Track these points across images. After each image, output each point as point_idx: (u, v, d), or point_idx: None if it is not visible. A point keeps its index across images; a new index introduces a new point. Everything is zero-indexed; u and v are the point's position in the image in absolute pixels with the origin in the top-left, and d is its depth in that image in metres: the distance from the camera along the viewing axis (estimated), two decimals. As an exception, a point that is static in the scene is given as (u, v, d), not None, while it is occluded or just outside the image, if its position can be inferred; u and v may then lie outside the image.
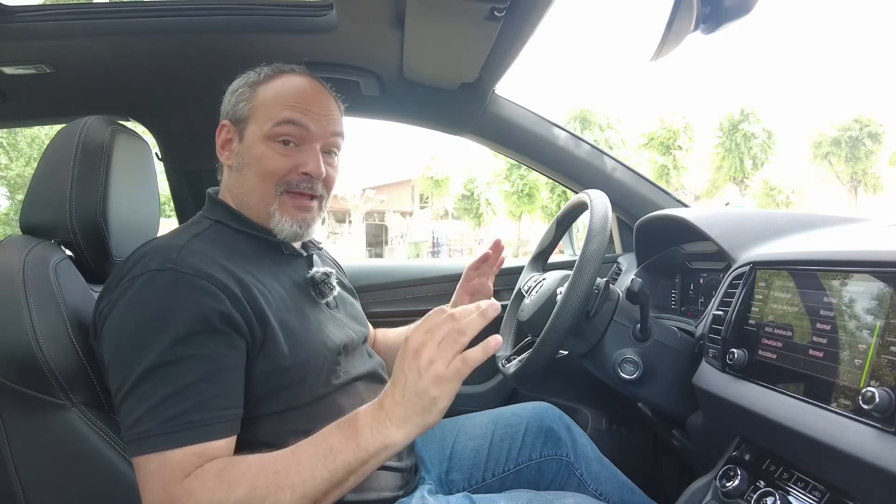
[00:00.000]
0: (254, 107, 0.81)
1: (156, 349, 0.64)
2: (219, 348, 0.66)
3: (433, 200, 24.02)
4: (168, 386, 0.63)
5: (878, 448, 0.52)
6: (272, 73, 0.84)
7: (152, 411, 0.62)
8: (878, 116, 19.15)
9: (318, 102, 0.83)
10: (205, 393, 0.64)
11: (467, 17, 0.91)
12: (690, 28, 0.64)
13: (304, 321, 0.77)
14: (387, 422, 0.61)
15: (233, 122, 0.83)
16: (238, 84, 0.85)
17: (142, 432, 0.62)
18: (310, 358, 0.75)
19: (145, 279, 0.68)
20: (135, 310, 0.67)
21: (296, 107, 0.80)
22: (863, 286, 0.61)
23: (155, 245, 0.73)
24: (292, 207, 0.81)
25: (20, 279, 0.73)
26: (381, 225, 26.87)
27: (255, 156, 0.80)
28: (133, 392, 0.64)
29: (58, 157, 0.84)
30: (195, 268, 0.68)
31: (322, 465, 0.61)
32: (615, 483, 0.99)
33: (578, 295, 0.83)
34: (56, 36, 1.10)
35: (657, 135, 20.31)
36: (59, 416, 0.72)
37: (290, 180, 0.80)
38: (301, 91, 0.82)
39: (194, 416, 0.63)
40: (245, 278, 0.72)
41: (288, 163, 0.80)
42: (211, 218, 0.82)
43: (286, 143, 0.80)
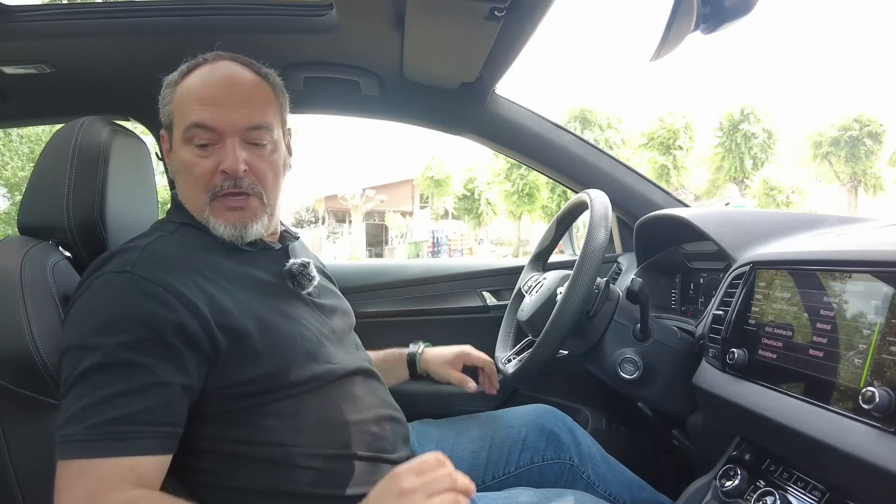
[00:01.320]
0: (173, 109, 0.78)
1: (97, 351, 0.62)
2: (162, 361, 0.63)
3: (433, 200, 24.01)
4: (102, 390, 0.60)
5: (878, 448, 0.52)
6: (188, 69, 0.79)
7: (80, 414, 0.60)
8: (879, 116, 19.13)
9: (227, 95, 0.76)
10: (140, 403, 0.61)
11: (467, 17, 0.91)
12: (690, 28, 0.64)
13: (279, 315, 0.75)
14: None
15: (166, 128, 0.81)
16: (162, 88, 0.81)
17: (66, 435, 0.59)
18: (289, 351, 0.73)
19: (102, 281, 0.67)
20: (85, 310, 0.66)
21: (203, 105, 0.75)
22: (863, 286, 0.61)
23: (122, 247, 0.72)
24: (224, 210, 0.77)
25: (17, 280, 0.73)
26: (381, 225, 26.86)
27: (181, 163, 0.77)
28: (69, 393, 0.62)
29: (55, 158, 0.84)
30: (152, 273, 0.66)
31: None
32: (623, 481, 0.99)
33: (578, 295, 0.83)
34: (56, 36, 1.09)
35: (657, 135, 20.29)
36: (56, 416, 0.72)
37: (214, 184, 0.76)
38: (208, 84, 0.77)
39: (121, 426, 0.60)
40: (209, 281, 0.69)
41: (209, 164, 0.75)
42: (176, 221, 0.79)
43: (202, 145, 0.76)
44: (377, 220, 26.90)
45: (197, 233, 0.78)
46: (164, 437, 0.63)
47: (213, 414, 0.69)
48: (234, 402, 0.70)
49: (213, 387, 0.68)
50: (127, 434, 0.60)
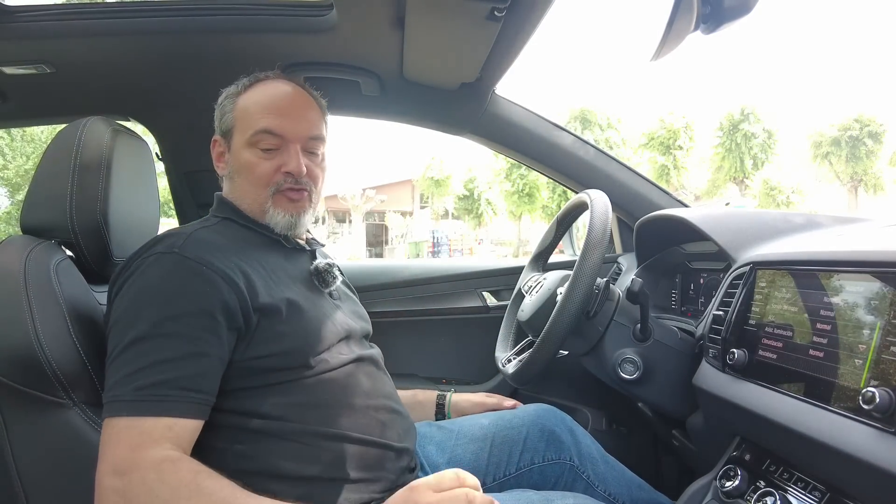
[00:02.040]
0: (236, 117, 0.87)
1: (145, 322, 0.68)
2: (204, 333, 0.69)
3: (433, 200, 24.01)
4: (148, 357, 0.66)
5: (878, 448, 0.52)
6: (249, 83, 0.89)
7: (128, 378, 0.65)
8: (879, 116, 19.13)
9: (293, 108, 0.87)
10: (181, 371, 0.67)
11: (467, 17, 0.91)
12: (690, 28, 0.64)
13: (309, 304, 0.81)
14: None
15: (222, 135, 0.89)
16: (221, 99, 0.90)
17: (115, 396, 0.65)
18: (310, 333, 0.78)
19: (150, 261, 0.72)
20: (135, 287, 0.71)
21: (272, 115, 0.85)
22: (863, 286, 0.61)
23: (168, 233, 0.78)
24: (285, 200, 0.86)
25: (21, 279, 0.73)
26: (381, 225, 26.86)
27: (243, 164, 0.85)
28: (116, 360, 0.67)
29: (58, 158, 0.84)
30: (197, 254, 0.73)
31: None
32: (623, 481, 0.99)
33: (578, 295, 0.83)
34: (56, 36, 1.10)
35: (657, 135, 20.29)
36: (60, 415, 0.72)
37: (277, 181, 0.85)
38: (275, 98, 0.87)
39: (164, 390, 0.65)
40: (247, 265, 0.76)
41: (272, 165, 0.85)
42: (219, 216, 0.87)
43: (267, 149, 0.85)
44: (377, 220, 26.90)
45: (238, 227, 0.86)
46: (200, 402, 0.68)
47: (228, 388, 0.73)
48: (250, 376, 0.74)
49: (235, 359, 0.73)
50: (168, 397, 0.65)
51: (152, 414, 0.64)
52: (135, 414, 0.64)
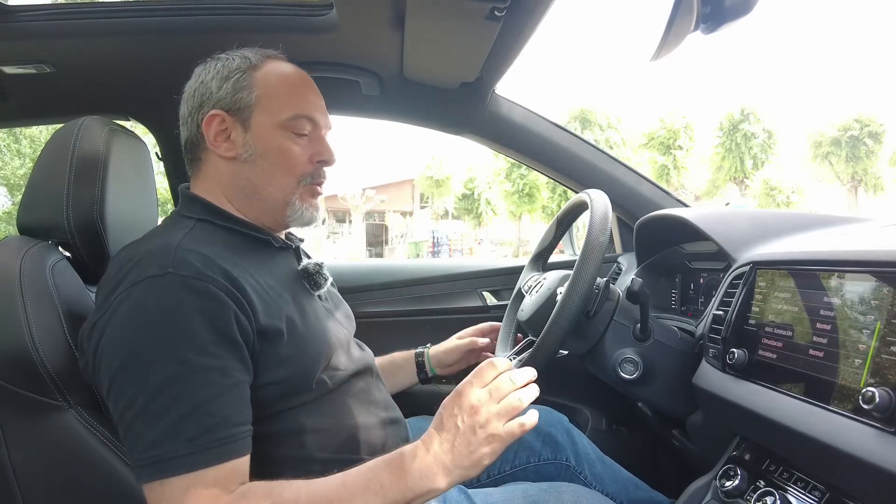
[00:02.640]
0: (259, 95, 0.77)
1: (168, 361, 0.60)
2: (232, 360, 0.63)
3: (433, 200, 24.00)
4: (186, 402, 0.59)
5: (878, 448, 0.52)
6: (261, 59, 0.80)
7: (173, 429, 0.58)
8: (879, 116, 19.13)
9: (317, 93, 0.83)
10: (227, 407, 0.61)
11: (467, 17, 0.91)
12: (690, 28, 0.64)
13: (304, 316, 0.76)
14: (435, 468, 0.62)
15: (229, 111, 0.77)
16: (227, 70, 0.78)
17: (165, 454, 0.58)
18: (314, 352, 0.74)
19: (144, 287, 0.63)
20: (138, 321, 0.62)
21: (306, 99, 0.80)
22: (863, 286, 0.60)
23: (146, 250, 0.68)
24: (310, 196, 0.81)
25: (17, 280, 0.73)
26: (381, 225, 26.85)
27: (273, 147, 0.77)
28: (146, 410, 0.59)
29: (55, 158, 0.84)
30: (196, 270, 0.64)
31: (372, 500, 0.61)
32: (619, 481, 0.99)
33: (578, 295, 0.83)
34: (56, 36, 1.09)
35: (657, 135, 20.30)
36: (56, 417, 0.72)
37: (310, 172, 0.80)
38: (304, 83, 0.83)
39: (221, 432, 0.60)
40: (243, 281, 0.68)
41: (306, 154, 0.80)
42: (192, 216, 0.77)
43: (300, 134, 0.79)
44: (377, 220, 26.89)
45: (216, 229, 0.77)
46: (249, 435, 0.64)
47: None
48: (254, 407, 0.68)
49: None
50: (227, 438, 0.60)
51: (216, 462, 0.59)
52: (197, 468, 0.58)
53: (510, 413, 0.64)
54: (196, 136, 0.79)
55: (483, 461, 0.63)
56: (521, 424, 0.64)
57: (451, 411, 0.64)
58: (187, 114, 0.80)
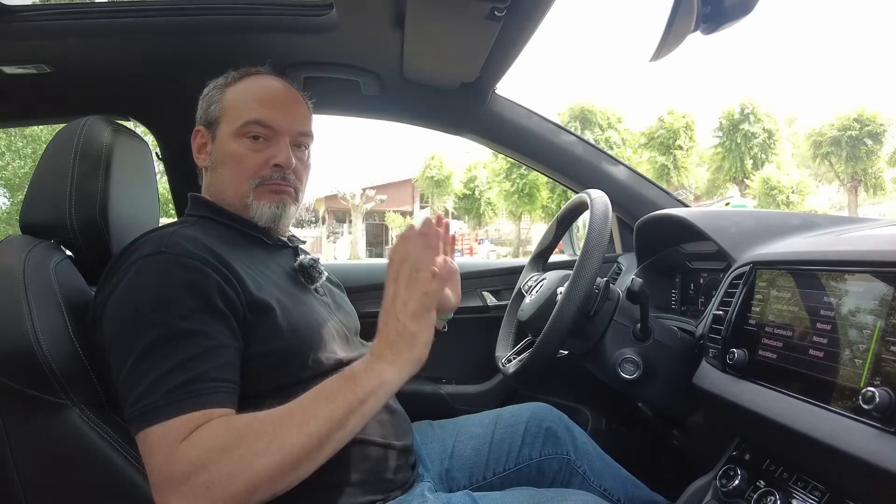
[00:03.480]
0: (223, 107, 0.86)
1: (155, 327, 0.65)
2: (217, 325, 0.68)
3: (433, 200, 23.99)
4: (169, 360, 0.64)
5: (878, 448, 0.52)
6: (239, 76, 0.89)
7: (154, 385, 0.63)
8: (879, 116, 19.09)
9: (284, 101, 0.87)
10: (205, 365, 0.65)
11: (467, 17, 0.91)
12: (690, 28, 0.64)
13: (297, 302, 0.80)
14: (379, 360, 0.67)
15: (205, 126, 0.87)
16: (208, 89, 0.89)
17: (143, 406, 0.62)
18: (305, 336, 0.78)
19: (140, 264, 0.70)
20: (132, 293, 0.69)
21: (263, 106, 0.85)
22: (863, 286, 0.61)
23: (147, 237, 0.75)
24: (267, 192, 0.85)
25: (20, 279, 0.73)
26: (381, 225, 26.84)
27: (228, 153, 0.84)
28: (134, 370, 0.65)
29: (58, 157, 0.84)
30: (187, 250, 0.71)
31: (323, 405, 0.64)
32: (618, 478, 1.00)
33: (578, 295, 0.83)
34: (56, 36, 1.09)
35: (657, 134, 20.26)
36: (59, 415, 0.72)
37: (263, 174, 0.84)
38: (267, 90, 0.87)
39: (196, 385, 0.64)
40: (234, 264, 0.74)
41: (260, 157, 0.84)
42: (196, 215, 0.85)
43: (256, 138, 0.84)
44: (377, 220, 26.88)
45: (216, 225, 0.83)
46: (230, 391, 0.67)
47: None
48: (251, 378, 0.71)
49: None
50: (202, 390, 0.64)
51: (186, 411, 0.62)
52: (170, 417, 0.62)
53: (416, 287, 0.68)
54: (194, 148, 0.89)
55: (418, 337, 0.67)
56: (425, 293, 0.67)
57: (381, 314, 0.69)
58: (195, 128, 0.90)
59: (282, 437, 0.61)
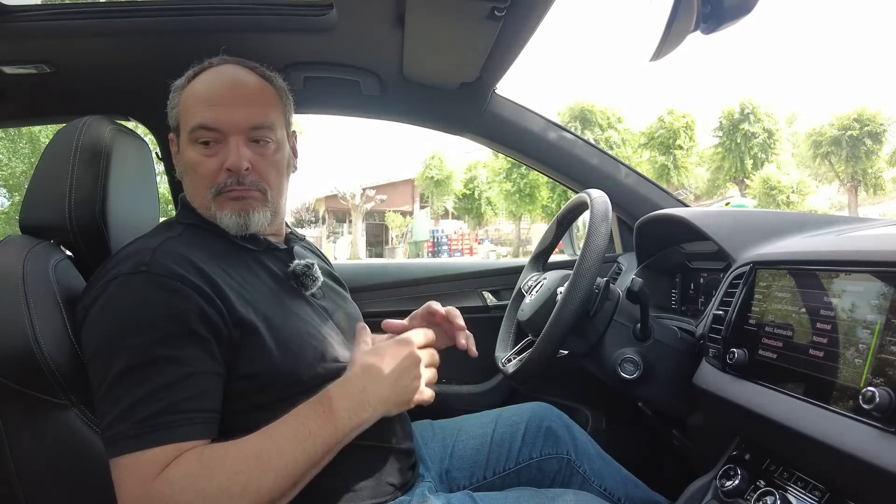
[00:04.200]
0: (180, 111, 0.81)
1: (130, 352, 0.64)
2: (193, 351, 0.66)
3: (433, 200, 23.98)
4: (140, 388, 0.63)
5: (878, 448, 0.52)
6: (194, 74, 0.83)
7: (125, 413, 0.62)
8: (879, 116, 19.08)
9: (230, 97, 0.79)
10: (178, 395, 0.63)
11: (468, 17, 0.91)
12: (690, 28, 0.64)
13: (288, 315, 0.77)
14: (366, 404, 0.69)
15: (174, 131, 0.84)
16: (171, 93, 0.84)
17: (115, 434, 0.62)
18: (297, 351, 0.75)
19: (119, 283, 0.68)
20: (109, 314, 0.67)
21: (207, 107, 0.78)
22: (863, 286, 0.61)
23: (130, 249, 0.73)
24: (227, 200, 0.79)
25: (20, 279, 0.73)
26: (381, 225, 26.84)
27: (186, 161, 0.80)
28: (108, 395, 0.64)
29: (57, 158, 0.84)
30: (168, 269, 0.68)
31: (302, 448, 0.64)
32: (618, 478, 1.00)
33: (578, 294, 0.83)
34: (56, 36, 1.09)
35: (657, 134, 20.25)
36: (59, 415, 0.72)
37: (218, 182, 0.78)
38: (211, 88, 0.80)
39: (166, 416, 0.62)
40: (220, 280, 0.71)
41: (213, 164, 0.79)
42: (184, 222, 0.82)
43: (206, 143, 0.79)
44: (377, 220, 26.88)
45: (204, 233, 0.80)
46: (205, 421, 0.65)
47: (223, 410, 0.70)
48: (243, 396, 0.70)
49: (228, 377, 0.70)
50: (173, 423, 0.62)
51: (158, 443, 0.61)
52: (140, 448, 0.61)
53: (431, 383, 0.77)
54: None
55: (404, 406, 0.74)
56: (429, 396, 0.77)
57: (397, 353, 0.72)
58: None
59: (258, 479, 0.61)
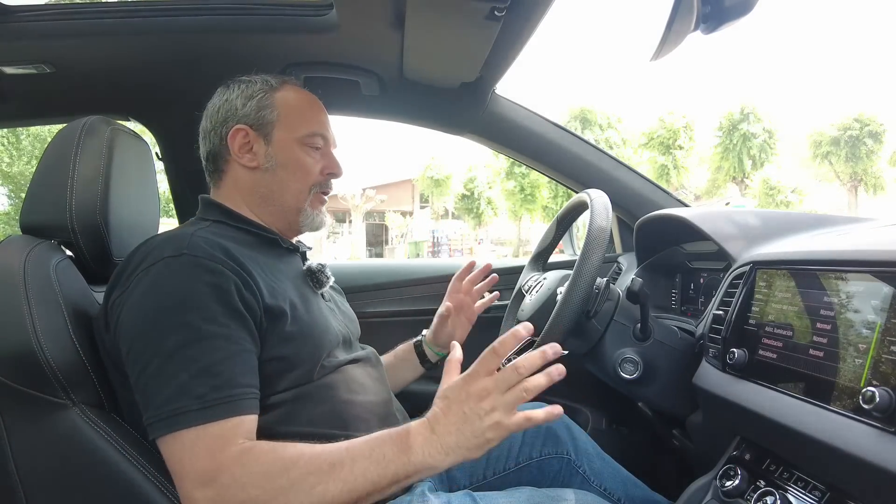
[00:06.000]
0: (280, 113, 0.88)
1: (181, 329, 0.66)
2: (240, 330, 0.69)
3: (433, 200, 23.97)
4: (195, 364, 0.65)
5: (878, 448, 0.52)
6: (280, 83, 0.91)
7: (183, 388, 0.64)
8: (879, 116, 19.09)
9: (327, 116, 0.94)
10: (233, 370, 0.67)
11: (467, 17, 0.91)
12: (690, 28, 0.64)
13: (308, 306, 0.81)
14: (438, 446, 0.66)
15: (253, 127, 0.87)
16: (251, 91, 0.88)
17: (176, 409, 0.64)
18: (315, 341, 0.79)
19: (162, 265, 0.70)
20: (155, 294, 0.69)
21: (321, 119, 0.92)
22: (863, 286, 0.61)
23: (163, 238, 0.75)
24: (319, 203, 0.92)
25: (21, 279, 0.73)
26: (381, 225, 26.83)
27: (294, 159, 0.88)
28: (161, 372, 0.65)
29: (58, 158, 0.84)
30: (208, 252, 0.72)
31: (374, 469, 0.65)
32: (618, 478, 1.00)
33: (578, 294, 0.83)
34: (56, 36, 1.09)
35: (657, 134, 20.25)
36: (60, 415, 0.72)
37: (321, 182, 0.91)
38: (317, 105, 0.94)
39: (226, 391, 0.65)
40: (250, 266, 0.75)
41: (318, 166, 0.90)
42: (208, 219, 0.85)
43: (316, 148, 0.90)
44: (377, 220, 26.87)
45: (230, 229, 0.84)
46: (255, 397, 0.69)
47: None
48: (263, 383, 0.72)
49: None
50: (232, 397, 0.66)
51: (221, 417, 0.64)
52: (204, 421, 0.63)
53: (515, 404, 0.66)
54: (219, 148, 0.88)
55: (486, 446, 0.66)
56: (528, 418, 0.66)
57: (459, 397, 0.67)
58: (210, 128, 0.89)
59: (325, 485, 0.63)
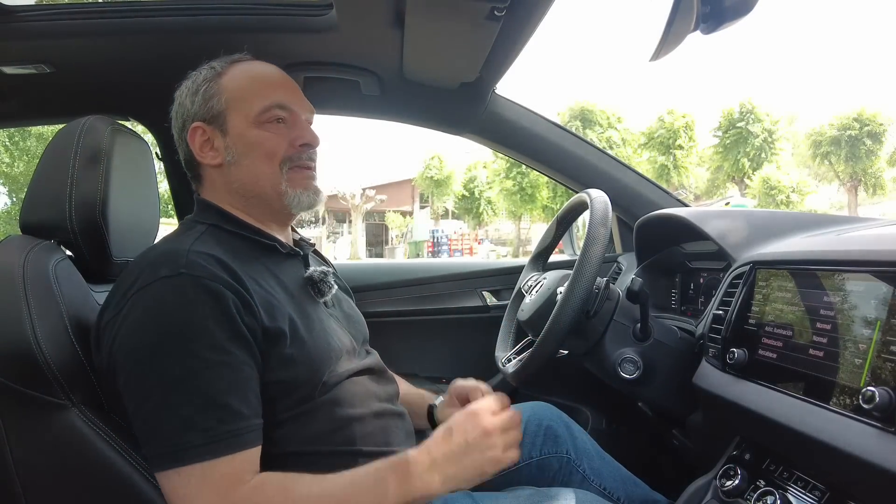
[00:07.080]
0: (227, 98, 0.81)
1: (182, 357, 0.63)
2: (243, 355, 0.66)
3: (433, 200, 23.97)
4: (200, 396, 0.62)
5: (878, 447, 0.52)
6: (227, 64, 0.84)
7: (188, 421, 0.62)
8: (879, 115, 19.06)
9: (290, 83, 0.86)
10: (238, 401, 0.64)
11: (467, 17, 0.91)
12: (690, 28, 0.64)
13: (309, 321, 0.77)
14: (437, 475, 0.67)
15: (205, 121, 0.81)
16: (195, 84, 0.83)
17: (181, 444, 0.61)
18: (318, 357, 0.75)
19: (158, 286, 0.66)
20: (154, 319, 0.66)
21: (278, 89, 0.83)
22: (863, 286, 0.61)
23: (158, 252, 0.72)
24: (303, 178, 0.83)
25: (20, 279, 0.73)
26: (381, 225, 26.84)
27: (253, 142, 0.80)
28: (163, 403, 0.63)
29: (57, 157, 0.84)
30: (208, 271, 0.67)
31: (377, 500, 0.66)
32: (618, 477, 1.00)
33: (578, 294, 0.83)
34: (56, 36, 1.09)
35: (657, 134, 20.23)
36: (59, 415, 0.72)
37: (291, 155, 0.81)
38: (273, 74, 0.86)
39: (233, 424, 0.63)
40: (250, 284, 0.71)
41: (285, 140, 0.81)
42: (204, 222, 0.80)
43: (279, 121, 0.82)
44: (377, 220, 26.87)
45: (226, 235, 0.79)
46: (260, 427, 0.67)
47: None
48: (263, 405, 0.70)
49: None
50: (240, 430, 0.63)
51: (229, 452, 0.62)
52: (212, 457, 0.61)
53: (513, 444, 0.72)
54: (188, 153, 0.83)
55: (480, 479, 0.70)
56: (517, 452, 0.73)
57: (464, 427, 0.70)
58: (177, 136, 0.85)
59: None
